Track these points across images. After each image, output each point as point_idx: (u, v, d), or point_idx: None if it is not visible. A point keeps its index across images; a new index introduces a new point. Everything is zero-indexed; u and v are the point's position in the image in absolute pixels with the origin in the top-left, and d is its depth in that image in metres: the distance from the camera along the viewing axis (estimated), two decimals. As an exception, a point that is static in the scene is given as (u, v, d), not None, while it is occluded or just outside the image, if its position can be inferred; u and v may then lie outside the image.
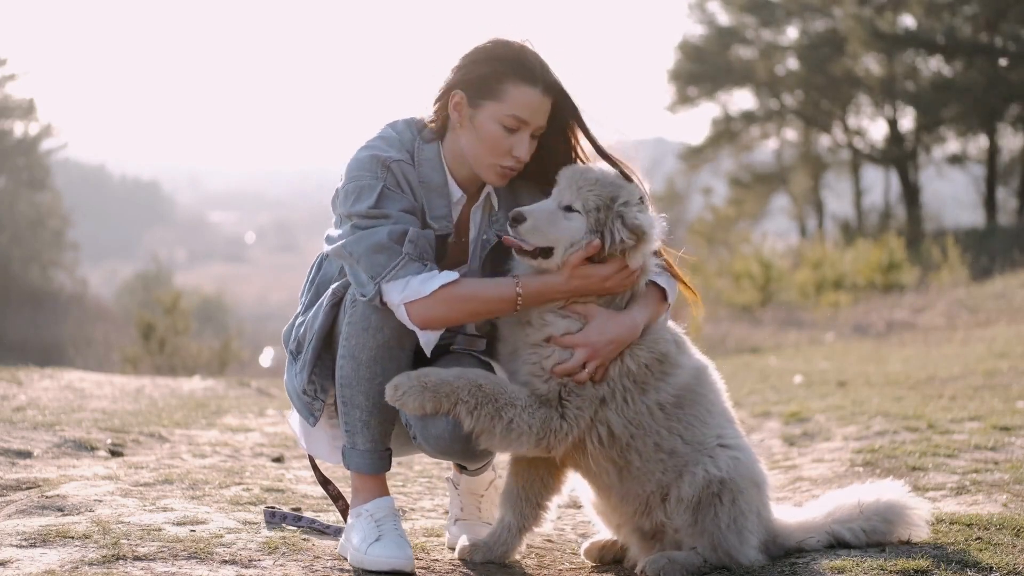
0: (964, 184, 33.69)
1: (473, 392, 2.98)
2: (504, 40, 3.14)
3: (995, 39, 30.20)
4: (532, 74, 3.10)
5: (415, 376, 3.00)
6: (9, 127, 41.14)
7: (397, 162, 3.11)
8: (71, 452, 4.99)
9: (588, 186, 3.04)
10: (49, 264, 41.84)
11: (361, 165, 3.10)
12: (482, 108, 3.10)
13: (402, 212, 3.06)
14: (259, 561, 3.08)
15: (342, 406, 3.13)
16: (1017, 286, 16.84)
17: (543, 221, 3.02)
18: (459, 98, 3.12)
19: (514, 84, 3.08)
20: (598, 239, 3.01)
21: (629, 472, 3.11)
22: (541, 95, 3.11)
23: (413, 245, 3.01)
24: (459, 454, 3.13)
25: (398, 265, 3.00)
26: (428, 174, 3.17)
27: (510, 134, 3.10)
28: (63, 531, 3.24)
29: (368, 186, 3.06)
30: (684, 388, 3.12)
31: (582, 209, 3.03)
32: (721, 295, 21.19)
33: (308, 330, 3.19)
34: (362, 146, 3.16)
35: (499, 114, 3.09)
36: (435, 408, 2.98)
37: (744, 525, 3.09)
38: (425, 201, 3.15)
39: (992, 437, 5.08)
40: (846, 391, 7.73)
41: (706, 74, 35.53)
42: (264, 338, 35.51)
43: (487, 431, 3.00)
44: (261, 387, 9.40)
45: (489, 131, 3.10)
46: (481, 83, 3.10)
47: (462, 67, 3.14)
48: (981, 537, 3.29)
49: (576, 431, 3.05)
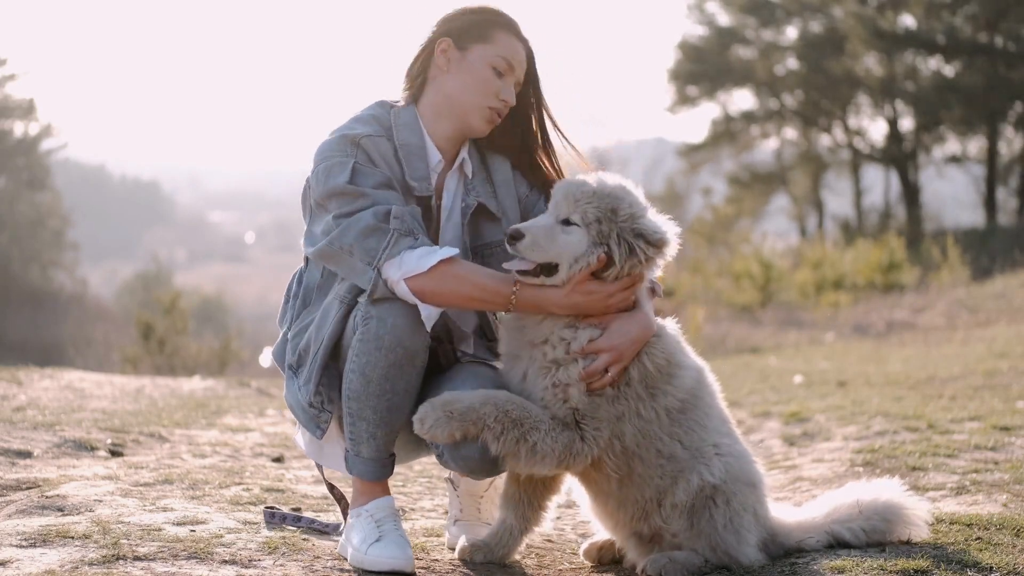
0: (964, 184, 33.69)
1: (500, 419, 2.95)
2: (482, 2, 3.25)
3: (995, 39, 30.20)
4: (515, 29, 3.23)
5: (439, 406, 2.96)
6: (9, 127, 41.12)
7: (368, 137, 3.10)
8: (71, 452, 4.99)
9: (586, 199, 2.99)
10: (49, 264, 41.82)
11: (330, 146, 3.10)
12: (471, 50, 3.18)
13: (378, 188, 3.03)
14: (259, 561, 3.08)
15: (348, 417, 3.10)
16: (1017, 286, 16.83)
17: (542, 237, 2.96)
18: (446, 44, 3.20)
19: (501, 31, 3.20)
20: (604, 252, 2.96)
21: (630, 480, 3.10)
22: (523, 49, 3.22)
23: (399, 220, 2.99)
24: (487, 473, 3.13)
25: (389, 243, 2.97)
26: (406, 137, 3.17)
27: (498, 77, 3.18)
28: (63, 531, 3.24)
29: (339, 163, 3.05)
30: (689, 392, 3.11)
31: (581, 222, 2.98)
32: (721, 295, 21.17)
33: (313, 341, 3.14)
34: (331, 131, 3.17)
35: (489, 54, 3.17)
36: (463, 436, 2.97)
37: (741, 524, 3.09)
38: (405, 164, 3.14)
39: (992, 437, 5.08)
40: (846, 391, 7.73)
41: (706, 74, 35.53)
42: (264, 338, 35.49)
43: (512, 454, 2.98)
44: (261, 387, 9.40)
45: (479, 71, 3.17)
46: (469, 28, 3.19)
47: (446, 20, 3.23)
48: (981, 537, 3.29)
49: (596, 450, 3.03)
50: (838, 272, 20.44)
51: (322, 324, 3.12)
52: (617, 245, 2.96)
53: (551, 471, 3.06)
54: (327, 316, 3.11)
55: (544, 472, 3.05)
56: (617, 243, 2.96)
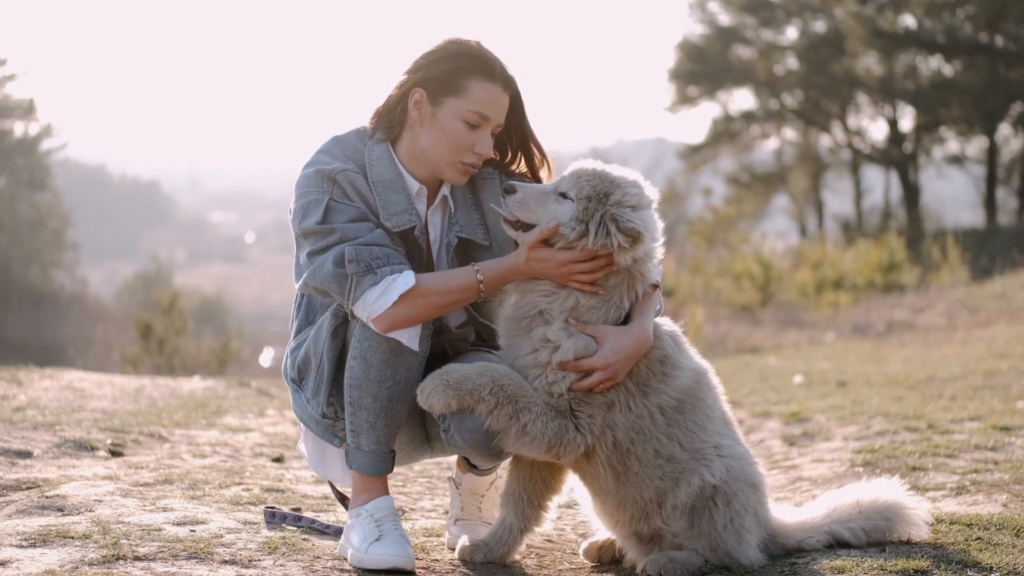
0: (964, 184, 33.67)
1: (495, 391, 2.99)
2: (460, 39, 3.16)
3: (995, 39, 30.19)
4: (492, 70, 3.12)
5: (437, 375, 3.02)
6: (9, 127, 41.11)
7: (342, 172, 3.11)
8: (71, 452, 4.98)
9: (587, 176, 3.06)
10: (49, 264, 41.81)
11: (308, 182, 3.12)
12: (444, 105, 3.11)
13: (349, 223, 3.06)
14: (259, 561, 3.08)
15: (349, 407, 3.13)
16: (1017, 286, 16.82)
17: (532, 198, 3.06)
18: (419, 96, 3.13)
19: (476, 80, 3.10)
20: (571, 227, 3.00)
21: (627, 478, 3.10)
22: (501, 91, 3.14)
23: (355, 263, 3.01)
24: (491, 452, 3.12)
25: (351, 287, 3.01)
26: (380, 172, 3.17)
27: (472, 130, 3.12)
28: (63, 531, 3.24)
29: (315, 201, 3.08)
30: (685, 392, 3.11)
31: (575, 197, 3.03)
32: (721, 295, 21.16)
33: (312, 354, 3.18)
34: (306, 163, 3.17)
35: (462, 110, 3.10)
36: (460, 405, 3.00)
37: (741, 525, 3.09)
38: (380, 200, 3.14)
39: (992, 437, 5.08)
40: (846, 391, 7.72)
41: (706, 74, 35.49)
42: (264, 338, 35.54)
43: (503, 431, 3.01)
44: (261, 387, 9.39)
45: (452, 128, 3.11)
46: (442, 80, 3.11)
47: (420, 66, 3.15)
48: (981, 537, 3.29)
49: (590, 440, 3.05)
50: (838, 272, 20.42)
51: (318, 337, 3.17)
52: (597, 225, 2.99)
53: (540, 455, 3.07)
54: (321, 329, 3.16)
55: (533, 455, 3.07)
56: (598, 223, 2.99)
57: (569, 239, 3.01)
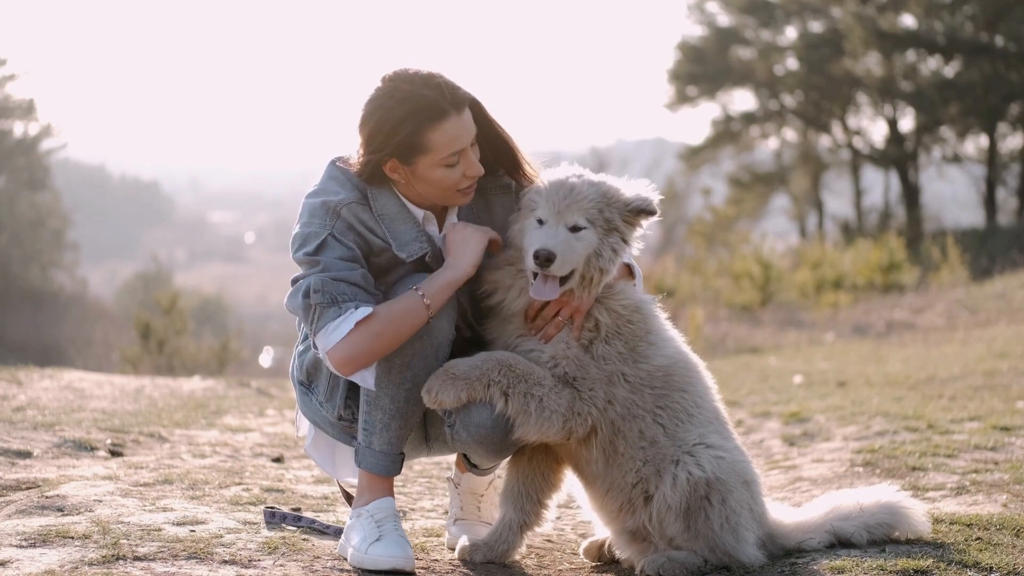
0: (964, 184, 33.65)
1: (504, 372, 3.03)
2: (396, 87, 3.07)
3: (995, 39, 30.19)
4: (441, 109, 3.06)
5: (441, 372, 3.06)
6: (9, 127, 41.09)
7: (348, 205, 3.11)
8: (71, 452, 4.98)
9: (584, 199, 3.09)
10: (49, 264, 41.78)
11: (312, 212, 3.12)
12: (417, 163, 3.10)
13: (337, 260, 3.05)
14: (259, 561, 3.08)
15: (364, 405, 3.14)
16: (1017, 286, 16.82)
17: (568, 253, 3.05)
18: (392, 164, 3.12)
19: (432, 130, 3.05)
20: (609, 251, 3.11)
21: (615, 460, 3.13)
22: (457, 118, 3.08)
23: (320, 294, 3.01)
24: (497, 443, 3.13)
25: (314, 318, 3.03)
26: (384, 204, 3.17)
27: (454, 167, 3.11)
28: (63, 531, 3.24)
29: (315, 234, 3.08)
30: (671, 361, 3.16)
31: (589, 224, 3.08)
32: (721, 295, 21.14)
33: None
34: (313, 191, 3.16)
35: (434, 161, 3.09)
36: (470, 396, 3.03)
37: (738, 523, 3.10)
38: (389, 232, 3.15)
39: (992, 437, 5.08)
40: (846, 391, 7.72)
41: (706, 74, 35.49)
42: (264, 338, 35.54)
43: (523, 412, 3.04)
44: (261, 387, 9.39)
45: (434, 176, 3.11)
46: (404, 146, 3.07)
47: (374, 138, 3.08)
48: (981, 537, 3.29)
49: (596, 411, 3.09)
50: (838, 272, 20.42)
51: None
52: (625, 225, 3.13)
53: (556, 433, 3.08)
54: None
55: (552, 435, 3.09)
56: (623, 223, 3.12)
57: (611, 273, 3.13)
